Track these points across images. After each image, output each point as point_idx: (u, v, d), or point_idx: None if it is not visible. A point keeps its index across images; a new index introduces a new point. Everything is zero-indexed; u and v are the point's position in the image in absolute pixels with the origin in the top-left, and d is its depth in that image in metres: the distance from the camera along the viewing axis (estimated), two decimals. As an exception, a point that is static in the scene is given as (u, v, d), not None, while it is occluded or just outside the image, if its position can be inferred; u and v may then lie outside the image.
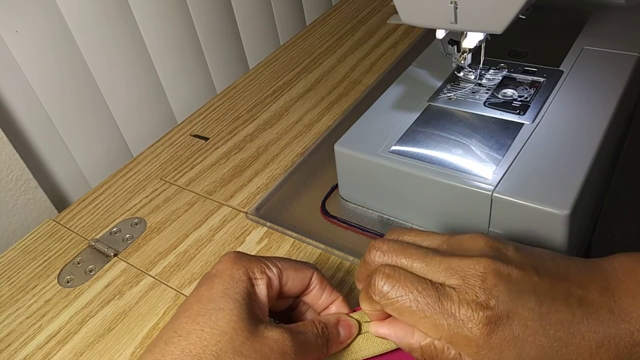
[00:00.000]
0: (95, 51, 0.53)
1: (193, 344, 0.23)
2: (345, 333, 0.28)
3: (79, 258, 0.42)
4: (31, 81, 0.49)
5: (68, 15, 0.50)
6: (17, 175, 0.47)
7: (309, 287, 0.28)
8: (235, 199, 0.45)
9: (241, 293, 0.25)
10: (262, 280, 0.26)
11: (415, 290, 0.23)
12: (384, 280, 0.24)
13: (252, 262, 0.27)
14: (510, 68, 0.43)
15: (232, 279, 0.25)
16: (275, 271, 0.27)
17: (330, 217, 0.41)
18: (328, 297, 0.29)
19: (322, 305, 0.29)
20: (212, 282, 0.25)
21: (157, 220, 0.44)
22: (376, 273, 0.25)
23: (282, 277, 0.27)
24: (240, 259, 0.27)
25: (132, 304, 0.37)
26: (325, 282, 0.29)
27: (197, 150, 0.52)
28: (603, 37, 0.45)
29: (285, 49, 0.68)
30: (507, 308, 0.22)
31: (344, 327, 0.28)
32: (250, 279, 0.26)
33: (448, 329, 0.23)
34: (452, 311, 0.23)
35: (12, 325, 0.37)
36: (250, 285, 0.26)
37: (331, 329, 0.27)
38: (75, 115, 0.53)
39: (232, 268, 0.26)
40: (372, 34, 0.67)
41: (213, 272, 0.26)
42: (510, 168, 0.34)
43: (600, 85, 0.39)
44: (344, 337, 0.27)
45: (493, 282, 0.23)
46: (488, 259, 0.23)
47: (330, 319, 0.28)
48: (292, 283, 0.27)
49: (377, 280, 0.24)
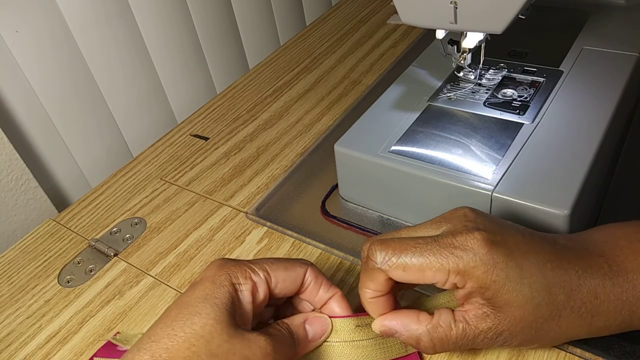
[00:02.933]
0: (96, 51, 0.53)
1: (164, 349, 0.23)
2: (315, 331, 0.27)
3: (79, 258, 0.42)
4: (31, 81, 0.49)
5: (68, 15, 0.50)
6: (17, 175, 0.47)
7: (303, 285, 0.28)
8: (235, 199, 0.45)
9: (221, 298, 0.25)
10: (246, 285, 0.26)
11: (413, 242, 0.25)
12: (380, 246, 0.26)
13: (236, 267, 0.26)
14: (510, 68, 0.43)
15: (214, 284, 0.25)
16: (262, 275, 0.26)
17: (330, 217, 0.41)
18: (325, 293, 0.28)
19: (319, 301, 0.29)
20: (194, 289, 0.25)
21: (157, 220, 0.44)
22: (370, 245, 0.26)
23: (270, 280, 0.27)
24: (224, 264, 0.26)
25: (132, 304, 0.37)
26: (321, 277, 0.28)
27: (197, 150, 0.52)
28: (603, 37, 0.45)
29: (285, 49, 0.68)
30: (495, 229, 0.25)
31: (313, 324, 0.28)
32: (233, 284, 0.25)
33: (453, 260, 0.24)
34: (450, 242, 0.25)
35: (12, 325, 0.37)
36: (233, 291, 0.25)
37: (296, 329, 0.27)
38: (76, 115, 0.53)
39: (215, 274, 0.26)
40: (372, 34, 0.67)
41: (197, 279, 0.26)
42: (510, 168, 0.34)
43: (600, 85, 0.39)
44: (314, 335, 0.27)
45: (473, 215, 0.26)
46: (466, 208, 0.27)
47: (295, 318, 0.28)
48: (284, 284, 0.27)
49: (375, 249, 0.26)
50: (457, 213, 0.27)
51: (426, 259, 0.25)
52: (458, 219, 0.26)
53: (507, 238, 0.25)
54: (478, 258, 0.24)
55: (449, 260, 0.24)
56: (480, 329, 0.25)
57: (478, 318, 0.25)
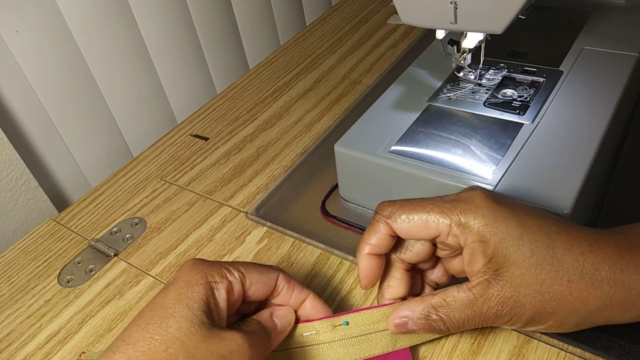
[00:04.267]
0: (96, 51, 0.53)
1: (140, 352, 0.23)
2: (281, 322, 0.28)
3: (79, 258, 0.42)
4: (31, 81, 0.49)
5: (68, 15, 0.50)
6: (17, 175, 0.47)
7: (276, 290, 0.28)
8: (235, 199, 0.45)
9: (196, 298, 0.24)
10: (222, 284, 0.26)
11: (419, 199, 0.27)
12: (388, 202, 0.27)
13: (212, 266, 0.26)
14: (510, 68, 0.43)
15: (188, 284, 0.25)
16: (237, 275, 0.26)
17: (330, 217, 0.41)
18: (299, 296, 0.29)
19: (294, 305, 0.29)
20: (167, 290, 0.25)
21: (157, 220, 0.44)
22: (379, 204, 0.27)
23: (244, 280, 0.27)
24: (199, 264, 0.26)
25: (132, 304, 0.37)
26: (293, 282, 0.29)
27: (197, 150, 0.52)
28: (603, 37, 0.45)
29: (285, 49, 0.68)
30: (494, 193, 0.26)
31: (278, 317, 0.28)
32: (208, 283, 0.25)
33: (455, 210, 0.25)
34: (454, 198, 0.26)
35: (12, 325, 0.37)
36: (208, 289, 0.25)
37: (266, 322, 0.27)
38: (76, 115, 0.53)
39: (189, 274, 0.25)
40: (372, 34, 0.67)
41: (171, 280, 0.26)
42: (510, 168, 0.34)
43: (600, 85, 0.39)
44: (282, 327, 0.28)
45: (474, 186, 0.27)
46: None
47: (263, 313, 0.28)
48: (257, 286, 0.27)
49: (382, 204, 0.27)
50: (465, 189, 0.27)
51: (430, 211, 0.26)
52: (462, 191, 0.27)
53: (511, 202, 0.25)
54: (479, 211, 0.24)
55: (452, 212, 0.25)
56: (484, 298, 0.25)
57: (482, 286, 0.25)
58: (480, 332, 0.31)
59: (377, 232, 0.27)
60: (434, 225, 0.25)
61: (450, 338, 0.31)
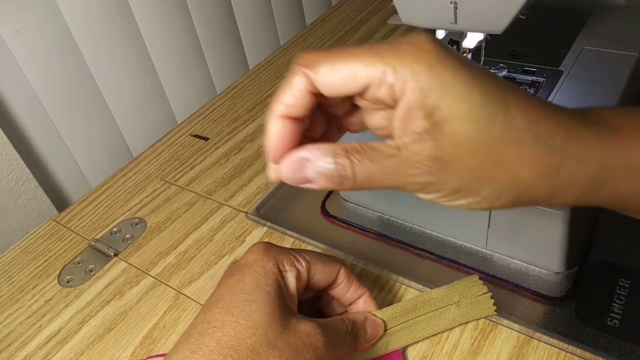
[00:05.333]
0: (96, 51, 0.53)
1: (228, 336, 0.23)
2: (371, 332, 0.28)
3: (79, 258, 0.42)
4: (31, 81, 0.49)
5: (68, 15, 0.50)
6: (18, 175, 0.47)
7: (336, 281, 0.28)
8: (235, 199, 0.45)
9: (272, 285, 0.25)
10: (292, 272, 0.26)
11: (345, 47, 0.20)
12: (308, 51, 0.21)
13: (282, 254, 0.26)
14: (510, 68, 0.43)
15: (264, 270, 0.25)
16: (304, 264, 0.27)
17: (331, 217, 0.41)
18: (355, 292, 0.29)
19: (348, 299, 0.29)
20: (243, 273, 0.25)
21: (157, 220, 0.44)
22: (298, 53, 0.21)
23: (310, 269, 0.27)
24: (270, 250, 0.26)
25: (133, 304, 0.37)
26: (353, 277, 0.29)
27: (197, 150, 0.52)
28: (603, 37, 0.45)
29: (286, 49, 0.68)
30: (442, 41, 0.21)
31: (371, 326, 0.28)
32: (280, 271, 0.26)
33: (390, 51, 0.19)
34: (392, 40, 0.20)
35: (12, 325, 0.37)
36: (280, 278, 0.25)
37: (360, 327, 0.27)
38: (76, 115, 0.53)
39: (262, 259, 0.26)
40: (372, 34, 0.67)
41: (243, 262, 0.26)
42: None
43: (600, 85, 0.39)
44: (371, 336, 0.28)
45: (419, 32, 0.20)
46: None
47: (359, 317, 0.28)
48: (320, 276, 0.27)
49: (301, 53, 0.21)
50: None
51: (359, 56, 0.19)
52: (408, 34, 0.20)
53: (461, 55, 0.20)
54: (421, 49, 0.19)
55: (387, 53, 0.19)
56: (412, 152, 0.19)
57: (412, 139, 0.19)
58: (480, 333, 0.31)
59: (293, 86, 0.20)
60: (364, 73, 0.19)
61: (450, 338, 0.31)
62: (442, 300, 0.30)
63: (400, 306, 0.30)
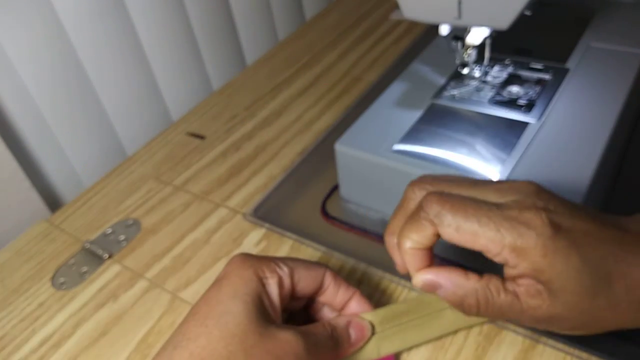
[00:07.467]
0: (89, 48, 0.52)
1: (202, 347, 0.23)
2: (356, 335, 0.27)
3: (72, 260, 0.41)
4: (24, 79, 0.48)
5: (61, 12, 0.49)
6: (10, 176, 0.46)
7: (322, 287, 0.28)
8: (232, 199, 0.44)
9: (250, 294, 0.24)
10: (273, 279, 0.26)
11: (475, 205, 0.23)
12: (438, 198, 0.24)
13: (261, 261, 0.26)
14: (515, 65, 0.42)
15: (241, 279, 0.25)
16: (286, 269, 0.26)
17: (331, 219, 0.40)
18: (344, 295, 0.28)
19: (339, 303, 0.28)
20: (220, 285, 0.25)
21: (152, 222, 0.43)
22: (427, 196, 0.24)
23: (293, 275, 0.27)
24: (248, 259, 0.26)
25: (127, 308, 0.36)
26: (339, 279, 0.28)
27: (193, 150, 0.51)
28: (610, 35, 0.44)
29: (284, 45, 0.67)
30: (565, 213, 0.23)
31: (355, 329, 0.27)
32: (260, 279, 0.25)
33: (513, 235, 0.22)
34: (514, 216, 0.22)
35: (6, 329, 0.36)
36: (260, 285, 0.25)
37: (341, 332, 0.27)
38: (69, 114, 0.52)
39: (240, 268, 0.26)
40: (374, 29, 0.66)
41: (221, 275, 0.26)
42: (516, 168, 0.33)
43: (607, 83, 0.39)
44: (356, 339, 0.27)
45: (546, 195, 0.24)
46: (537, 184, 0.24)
47: (340, 321, 0.27)
48: (305, 282, 0.27)
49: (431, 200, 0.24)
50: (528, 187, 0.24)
51: (484, 226, 0.23)
52: (528, 194, 0.24)
53: (576, 224, 0.23)
54: (540, 240, 0.22)
55: (508, 234, 0.22)
56: (529, 305, 0.23)
57: (529, 295, 0.23)
58: (484, 337, 0.30)
59: (420, 230, 0.24)
60: (484, 242, 0.23)
61: (454, 343, 0.30)
62: (436, 303, 0.29)
63: (392, 309, 0.29)
